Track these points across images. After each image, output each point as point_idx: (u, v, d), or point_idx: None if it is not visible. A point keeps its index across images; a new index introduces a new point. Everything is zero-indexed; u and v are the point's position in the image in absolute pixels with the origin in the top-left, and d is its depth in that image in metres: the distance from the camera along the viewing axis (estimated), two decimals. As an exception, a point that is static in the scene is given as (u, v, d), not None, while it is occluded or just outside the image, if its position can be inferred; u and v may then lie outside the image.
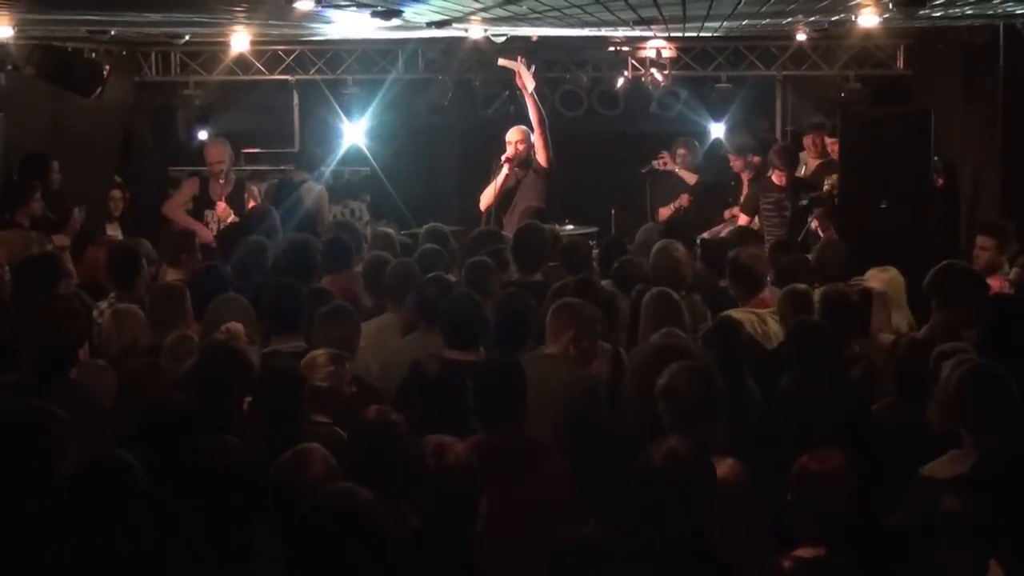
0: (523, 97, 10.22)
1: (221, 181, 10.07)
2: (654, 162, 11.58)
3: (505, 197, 9.81)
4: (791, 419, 5.14)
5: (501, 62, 10.61)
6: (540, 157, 9.85)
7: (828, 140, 11.04)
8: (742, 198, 11.07)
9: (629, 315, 6.41)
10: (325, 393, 5.07)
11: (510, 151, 9.89)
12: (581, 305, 5.80)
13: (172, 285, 6.89)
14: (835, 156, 10.50)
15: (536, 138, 9.91)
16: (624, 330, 6.38)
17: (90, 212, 9.87)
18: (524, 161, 9.86)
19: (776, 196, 10.43)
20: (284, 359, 5.46)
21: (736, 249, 7.17)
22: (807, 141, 11.37)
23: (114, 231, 10.79)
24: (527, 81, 10.13)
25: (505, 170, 9.77)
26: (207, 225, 9.83)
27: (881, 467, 4.48)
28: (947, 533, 3.99)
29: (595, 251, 8.46)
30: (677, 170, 11.56)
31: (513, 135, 9.98)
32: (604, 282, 7.13)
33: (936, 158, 10.06)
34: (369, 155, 12.68)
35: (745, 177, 11.32)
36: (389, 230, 9.07)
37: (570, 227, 10.70)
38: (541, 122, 9.93)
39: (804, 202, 10.03)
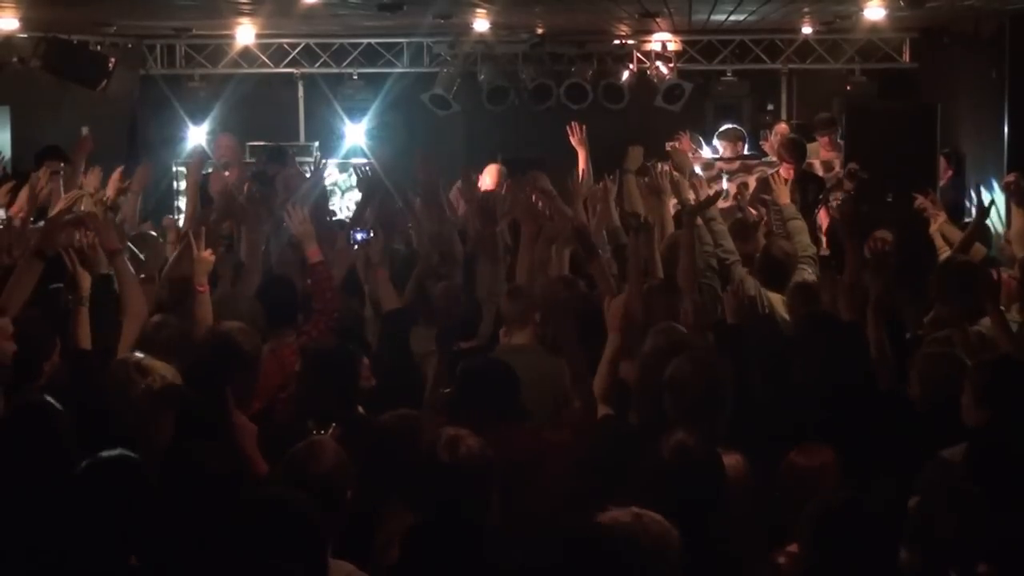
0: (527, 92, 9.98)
1: (226, 174, 10.07)
2: (668, 145, 11.02)
3: None
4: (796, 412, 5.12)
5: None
6: None
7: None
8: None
9: None
10: None
11: None
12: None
13: None
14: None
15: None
16: None
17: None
18: None
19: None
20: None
21: (769, 241, 7.23)
22: (821, 139, 11.24)
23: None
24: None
25: None
26: None
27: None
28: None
29: None
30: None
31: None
32: None
33: (947, 149, 10.01)
34: (371, 150, 12.62)
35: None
36: None
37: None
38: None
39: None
